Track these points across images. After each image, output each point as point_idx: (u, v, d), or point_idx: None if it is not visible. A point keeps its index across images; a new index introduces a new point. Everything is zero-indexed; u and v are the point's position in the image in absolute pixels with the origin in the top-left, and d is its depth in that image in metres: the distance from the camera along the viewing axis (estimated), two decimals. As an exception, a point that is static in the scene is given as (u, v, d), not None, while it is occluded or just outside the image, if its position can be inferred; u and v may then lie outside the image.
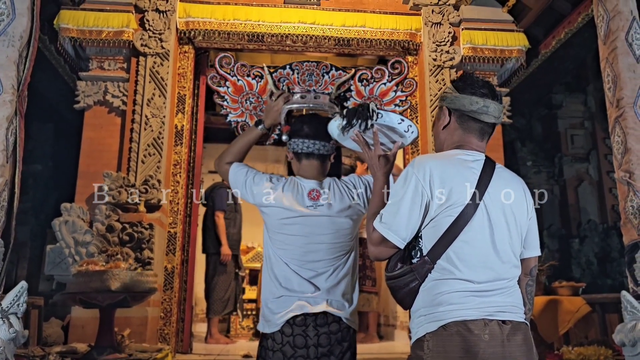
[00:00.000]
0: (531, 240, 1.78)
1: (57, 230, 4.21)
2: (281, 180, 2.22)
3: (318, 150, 2.22)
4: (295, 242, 2.15)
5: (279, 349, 2.07)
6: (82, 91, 4.89)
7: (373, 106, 1.88)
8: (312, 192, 2.17)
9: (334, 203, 2.16)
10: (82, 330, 4.09)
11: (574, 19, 4.84)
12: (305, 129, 2.24)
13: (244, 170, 2.25)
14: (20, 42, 2.72)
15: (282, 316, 2.09)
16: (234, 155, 2.31)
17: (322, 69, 2.35)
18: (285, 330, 2.08)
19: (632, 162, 2.82)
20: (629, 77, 2.93)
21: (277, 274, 2.15)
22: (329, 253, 2.16)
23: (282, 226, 2.17)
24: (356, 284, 2.22)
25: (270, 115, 2.31)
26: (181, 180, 4.94)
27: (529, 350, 1.62)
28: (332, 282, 2.14)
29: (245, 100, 2.46)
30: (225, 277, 5.91)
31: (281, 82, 2.39)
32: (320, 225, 2.15)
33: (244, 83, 2.43)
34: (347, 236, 2.20)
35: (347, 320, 2.12)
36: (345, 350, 2.09)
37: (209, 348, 5.41)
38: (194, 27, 5.09)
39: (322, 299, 2.11)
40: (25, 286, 2.42)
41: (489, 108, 1.72)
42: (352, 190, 2.22)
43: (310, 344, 2.06)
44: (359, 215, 2.22)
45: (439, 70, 5.15)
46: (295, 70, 2.36)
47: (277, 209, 2.16)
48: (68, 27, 4.79)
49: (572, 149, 7.86)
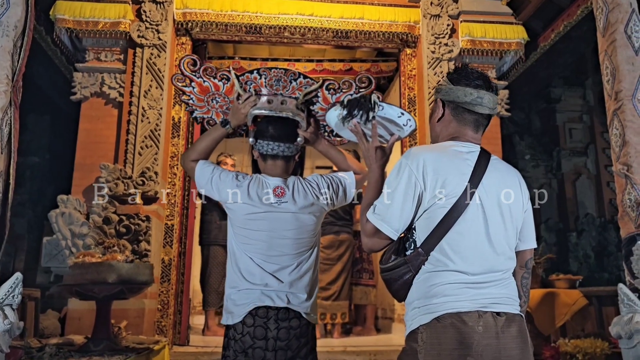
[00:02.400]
0: (527, 232, 1.79)
1: (53, 222, 4.20)
2: (247, 178, 2.28)
3: (283, 152, 2.30)
4: (260, 237, 2.21)
5: (239, 339, 2.12)
6: (79, 82, 4.85)
7: (375, 98, 1.88)
8: (276, 189, 2.24)
9: (297, 200, 2.23)
10: (79, 322, 4.09)
11: (573, 11, 4.82)
12: (271, 131, 2.31)
13: (209, 168, 2.30)
14: (15, 32, 2.69)
15: (244, 307, 2.14)
16: (199, 153, 2.36)
17: (290, 76, 2.37)
18: (247, 321, 2.12)
19: (630, 155, 2.80)
20: (628, 69, 2.91)
21: (241, 267, 2.21)
22: (293, 248, 2.22)
23: (246, 222, 2.23)
24: (317, 279, 2.29)
25: (237, 117, 2.37)
26: (178, 173, 4.92)
27: (524, 342, 1.62)
28: (295, 276, 2.20)
29: (211, 99, 2.49)
30: (219, 269, 5.91)
31: (248, 84, 2.40)
32: (284, 221, 2.21)
33: (210, 84, 2.45)
34: (310, 232, 2.27)
35: (307, 315, 2.17)
36: (302, 345, 2.14)
37: (206, 340, 5.40)
38: (192, 19, 5.06)
39: (283, 293, 2.16)
40: (21, 277, 2.41)
41: (483, 99, 1.72)
42: (314, 188, 2.29)
43: (269, 336, 2.10)
44: (321, 212, 2.30)
45: (437, 63, 5.13)
46: (262, 76, 2.38)
47: (242, 205, 2.22)
48: (64, 17, 4.75)
49: (570, 142, 7.85)
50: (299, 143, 2.34)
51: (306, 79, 2.38)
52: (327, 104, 2.40)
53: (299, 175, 2.37)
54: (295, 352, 2.12)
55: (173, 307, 4.70)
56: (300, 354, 2.13)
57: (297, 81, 2.37)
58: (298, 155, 2.41)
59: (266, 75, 2.37)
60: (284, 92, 2.39)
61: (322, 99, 2.41)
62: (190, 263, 5.08)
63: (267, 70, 2.37)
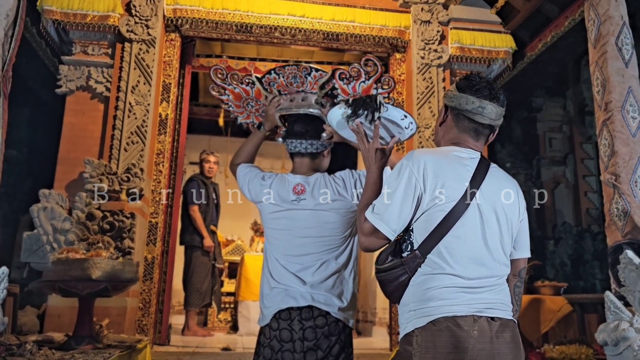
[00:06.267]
0: (522, 241, 1.80)
1: (35, 216, 4.10)
2: (271, 177, 2.31)
3: (306, 149, 2.31)
4: (282, 237, 2.21)
5: (267, 344, 2.10)
6: (65, 75, 4.76)
7: (381, 98, 1.88)
8: (297, 186, 2.23)
9: (317, 197, 2.20)
10: (59, 320, 4.01)
11: (560, 22, 4.90)
12: (295, 128, 2.34)
13: (246, 170, 2.39)
14: (7, 20, 2.64)
15: (271, 310, 2.13)
16: (241, 157, 2.48)
17: (303, 71, 2.38)
18: (272, 325, 2.11)
19: (619, 165, 2.87)
20: (618, 81, 2.98)
21: (270, 269, 2.21)
22: (316, 247, 2.17)
23: (270, 221, 2.25)
24: (351, 281, 2.22)
25: (267, 118, 2.45)
26: (164, 170, 4.87)
27: (517, 348, 1.63)
28: (319, 277, 2.15)
29: (246, 104, 2.57)
30: (201, 269, 5.87)
31: (271, 85, 2.44)
32: (304, 219, 2.19)
33: (240, 90, 2.52)
34: (335, 230, 2.20)
35: (336, 314, 2.11)
36: (333, 344, 2.08)
37: (186, 340, 5.35)
38: (182, 15, 5.01)
39: (307, 293, 2.11)
40: (7, 272, 2.35)
41: (484, 109, 1.72)
42: (338, 185, 2.25)
43: (295, 337, 2.07)
44: (347, 209, 2.22)
45: (426, 69, 5.16)
46: (280, 75, 2.40)
47: (266, 205, 2.26)
48: (51, 9, 4.66)
49: (549, 152, 7.97)
50: (324, 139, 2.31)
51: (318, 72, 2.37)
52: (346, 95, 2.40)
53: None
54: (327, 352, 2.07)
55: (155, 306, 4.64)
56: (332, 352, 2.08)
57: (311, 75, 2.37)
58: (328, 152, 2.39)
59: (283, 74, 2.38)
60: (304, 88, 2.40)
61: (340, 90, 2.40)
62: (173, 262, 5.02)
63: (282, 68, 2.38)
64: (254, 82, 2.46)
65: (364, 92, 2.40)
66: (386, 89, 2.40)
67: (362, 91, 2.40)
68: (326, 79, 2.38)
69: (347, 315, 2.16)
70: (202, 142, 8.46)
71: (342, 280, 2.18)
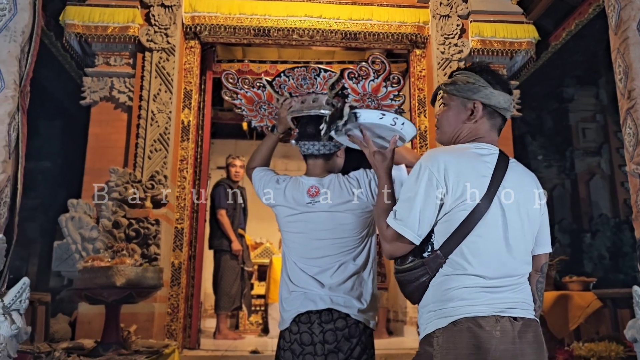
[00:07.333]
0: (543, 236, 1.76)
1: (63, 226, 4.22)
2: (286, 180, 2.29)
3: (318, 150, 2.28)
4: (299, 240, 2.20)
5: (288, 348, 2.10)
6: (88, 87, 4.87)
7: (347, 107, 1.84)
8: (311, 189, 2.22)
9: (331, 198, 2.18)
10: (89, 326, 4.09)
11: (584, 10, 4.76)
12: (305, 131, 2.32)
13: (261, 174, 2.39)
14: (22, 37, 2.69)
15: (290, 313, 2.13)
16: (256, 161, 2.48)
17: (312, 72, 2.36)
18: (292, 328, 2.11)
19: (644, 155, 2.74)
20: (641, 67, 2.85)
21: (289, 272, 2.21)
22: (333, 249, 2.16)
23: (286, 224, 2.25)
24: (370, 282, 2.20)
25: (280, 122, 2.45)
26: (188, 176, 4.93)
27: (540, 348, 1.59)
28: (337, 279, 2.13)
29: (259, 108, 2.58)
30: (230, 273, 5.93)
31: (282, 88, 2.44)
32: (319, 221, 2.18)
33: (252, 94, 2.53)
34: (352, 231, 2.18)
35: (356, 316, 2.09)
36: (354, 346, 2.07)
37: (217, 344, 5.41)
38: (200, 22, 5.07)
39: (326, 296, 2.10)
40: (28, 282, 2.40)
41: (511, 105, 1.73)
42: (352, 185, 2.21)
43: (316, 340, 2.06)
44: (363, 210, 2.19)
45: (447, 64, 5.08)
46: (289, 77, 2.40)
47: (281, 208, 2.25)
48: (74, 22, 4.77)
49: (583, 142, 7.77)
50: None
51: (327, 72, 2.36)
52: (356, 94, 2.39)
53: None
54: (348, 354, 2.05)
55: (183, 311, 4.70)
56: (354, 354, 2.06)
57: (320, 76, 2.36)
58: (341, 152, 2.36)
59: (292, 76, 2.38)
60: (314, 89, 2.40)
61: (350, 90, 2.39)
62: (201, 266, 5.08)
63: (291, 70, 2.38)
64: (264, 85, 2.47)
65: (373, 91, 2.38)
66: (395, 87, 2.37)
67: (371, 90, 2.38)
68: (335, 79, 2.36)
69: (368, 317, 2.13)
70: (228, 147, 8.55)
71: (361, 281, 2.17)
